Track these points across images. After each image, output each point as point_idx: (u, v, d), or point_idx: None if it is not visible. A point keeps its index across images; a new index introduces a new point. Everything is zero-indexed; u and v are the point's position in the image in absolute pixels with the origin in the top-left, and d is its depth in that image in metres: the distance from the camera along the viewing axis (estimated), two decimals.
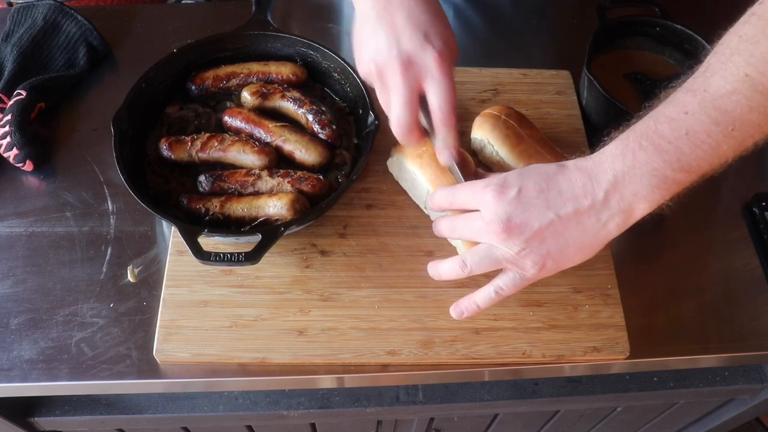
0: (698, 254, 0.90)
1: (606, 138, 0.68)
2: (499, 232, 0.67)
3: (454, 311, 0.79)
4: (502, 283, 0.73)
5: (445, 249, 0.86)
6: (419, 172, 0.84)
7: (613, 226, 0.66)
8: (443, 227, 0.76)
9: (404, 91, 0.71)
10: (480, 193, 0.69)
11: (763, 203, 0.92)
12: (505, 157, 0.88)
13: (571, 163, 0.69)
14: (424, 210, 0.89)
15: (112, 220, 0.89)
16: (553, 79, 1.03)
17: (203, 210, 0.83)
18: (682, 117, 0.62)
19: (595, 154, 0.68)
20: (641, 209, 0.65)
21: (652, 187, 0.63)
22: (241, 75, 0.95)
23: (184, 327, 0.79)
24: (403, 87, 0.71)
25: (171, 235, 0.85)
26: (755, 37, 0.59)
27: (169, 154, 0.88)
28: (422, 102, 0.75)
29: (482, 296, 0.75)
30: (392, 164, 0.91)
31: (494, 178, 0.70)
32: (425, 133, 0.78)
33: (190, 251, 0.75)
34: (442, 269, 0.76)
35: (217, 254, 0.75)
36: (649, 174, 0.63)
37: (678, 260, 0.90)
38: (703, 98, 0.61)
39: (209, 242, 0.81)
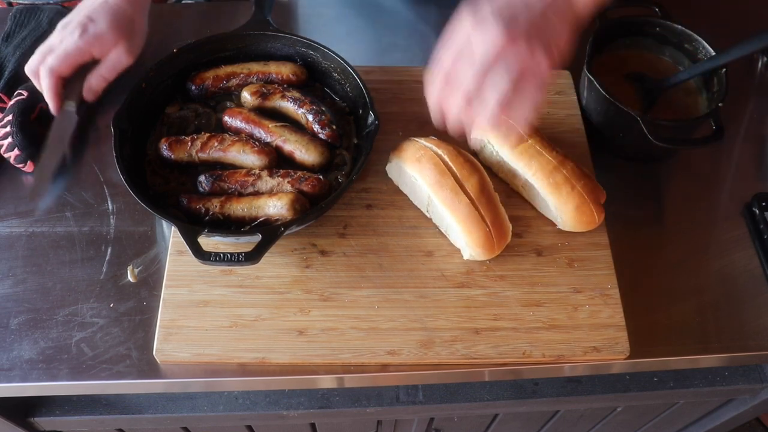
0: (698, 254, 0.90)
1: None
2: (505, 41, 0.68)
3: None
4: (529, 94, 0.71)
5: (445, 249, 0.86)
6: (419, 176, 0.84)
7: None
8: (432, 93, 0.74)
9: None
10: (463, 31, 0.71)
11: (763, 203, 0.92)
12: (505, 156, 0.88)
13: None
14: (426, 213, 0.89)
15: (112, 220, 0.89)
16: (553, 79, 1.03)
17: (203, 210, 0.83)
18: None
19: None
20: None
21: None
22: (241, 75, 0.95)
23: (184, 327, 0.79)
24: None
25: (171, 235, 0.85)
26: None
27: (169, 154, 0.88)
28: None
29: (523, 109, 0.72)
30: (391, 169, 0.91)
31: (461, 20, 0.71)
32: None
33: (190, 251, 0.75)
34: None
35: (217, 254, 0.75)
36: None
37: (678, 260, 0.90)
38: None
39: (209, 242, 0.81)
